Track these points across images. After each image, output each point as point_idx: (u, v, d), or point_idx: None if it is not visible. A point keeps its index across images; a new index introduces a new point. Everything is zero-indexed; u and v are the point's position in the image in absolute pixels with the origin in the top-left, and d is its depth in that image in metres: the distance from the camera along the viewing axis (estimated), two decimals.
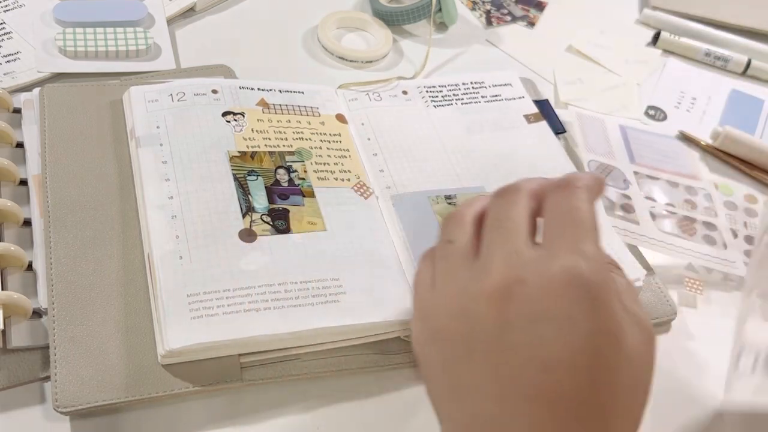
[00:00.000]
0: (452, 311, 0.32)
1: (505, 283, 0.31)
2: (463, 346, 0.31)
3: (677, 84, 0.64)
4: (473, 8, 0.68)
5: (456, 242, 0.34)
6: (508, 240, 0.32)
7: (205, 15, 0.61)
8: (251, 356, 0.40)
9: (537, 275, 0.30)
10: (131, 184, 0.45)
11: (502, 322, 0.30)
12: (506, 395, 0.29)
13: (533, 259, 0.31)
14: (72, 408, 0.36)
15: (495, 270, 0.31)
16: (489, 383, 0.30)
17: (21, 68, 0.53)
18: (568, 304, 0.29)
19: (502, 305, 0.30)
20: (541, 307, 0.30)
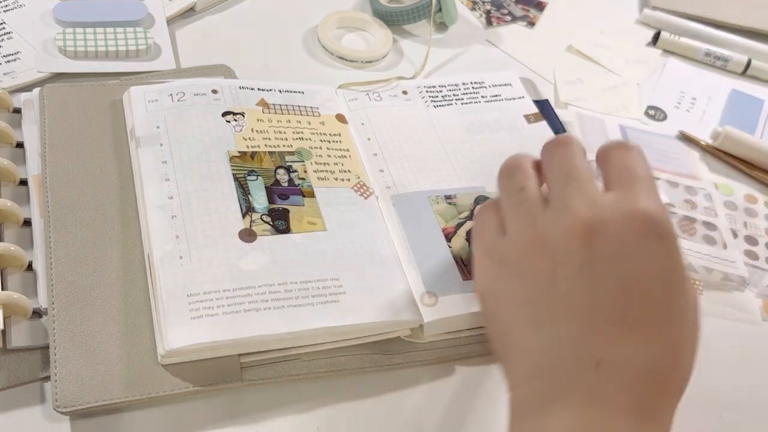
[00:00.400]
0: (533, 250, 0.35)
1: (590, 222, 0.34)
2: (545, 280, 0.34)
3: (677, 84, 0.64)
4: (473, 8, 0.68)
5: (527, 189, 0.37)
6: (581, 185, 0.36)
7: (205, 15, 0.61)
8: (251, 356, 0.40)
9: (618, 215, 0.34)
10: (131, 184, 0.45)
11: (587, 257, 0.33)
12: (590, 319, 0.33)
13: (611, 202, 0.34)
14: (72, 408, 0.36)
15: (576, 211, 0.34)
16: (572, 310, 0.33)
17: (21, 68, 0.53)
18: (646, 243, 0.33)
19: (588, 241, 0.33)
20: (621, 243, 0.33)
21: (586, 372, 0.32)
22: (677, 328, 0.33)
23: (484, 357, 0.43)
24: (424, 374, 0.42)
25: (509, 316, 0.35)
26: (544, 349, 0.33)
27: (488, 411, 0.41)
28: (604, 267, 0.33)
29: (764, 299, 0.50)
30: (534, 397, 0.33)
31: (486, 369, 0.43)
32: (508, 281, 0.36)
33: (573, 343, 0.33)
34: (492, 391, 0.42)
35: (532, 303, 0.35)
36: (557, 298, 0.34)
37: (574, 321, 0.33)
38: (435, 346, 0.43)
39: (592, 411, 0.31)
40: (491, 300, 0.37)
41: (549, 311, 0.34)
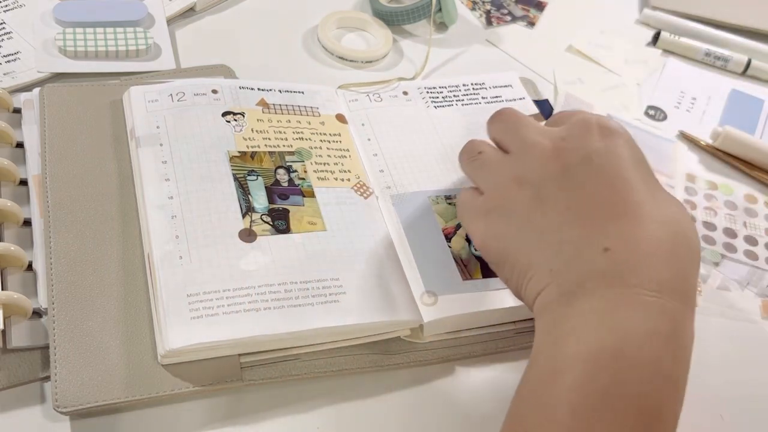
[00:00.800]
0: (509, 186, 0.38)
1: (552, 144, 0.38)
2: (534, 203, 0.37)
3: (677, 84, 0.64)
4: (473, 8, 0.68)
5: (485, 150, 0.42)
6: (530, 126, 0.40)
7: (205, 15, 0.61)
8: (251, 356, 0.40)
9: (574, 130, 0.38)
10: (131, 184, 0.45)
11: (562, 168, 0.37)
12: (585, 218, 0.36)
13: (563, 128, 0.39)
14: (72, 408, 0.36)
15: (536, 143, 0.39)
16: (567, 217, 0.36)
17: (21, 68, 0.53)
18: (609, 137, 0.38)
19: (557, 157, 0.38)
20: (588, 146, 0.37)
21: (597, 259, 0.34)
22: (666, 203, 0.37)
23: (484, 357, 0.43)
24: (424, 374, 0.42)
25: (514, 245, 0.37)
26: (553, 255, 0.36)
27: (488, 411, 0.41)
28: (580, 170, 0.37)
29: (764, 299, 0.50)
30: (555, 296, 0.35)
31: (486, 369, 0.43)
32: (500, 221, 0.38)
33: (577, 241, 0.35)
34: (492, 391, 0.42)
35: (528, 224, 0.37)
36: (548, 211, 0.37)
37: (571, 224, 0.36)
38: (435, 346, 0.43)
39: (612, 290, 0.33)
40: (492, 244, 0.39)
41: (546, 223, 0.36)
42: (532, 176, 0.38)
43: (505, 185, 0.39)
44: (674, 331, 0.33)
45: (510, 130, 0.41)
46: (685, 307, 0.34)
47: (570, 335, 0.33)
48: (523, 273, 0.37)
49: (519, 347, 0.44)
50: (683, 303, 0.34)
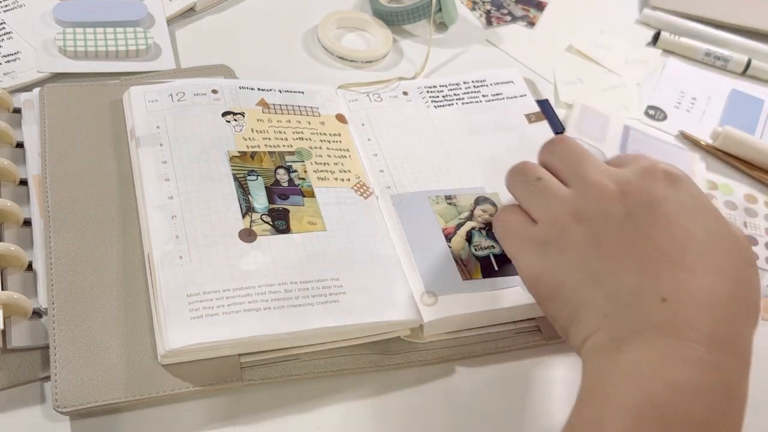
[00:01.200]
0: (566, 220, 0.37)
1: (616, 186, 0.37)
2: (592, 242, 0.36)
3: (677, 84, 0.64)
4: (473, 8, 0.68)
5: (545, 177, 0.40)
6: (594, 163, 0.39)
7: (205, 15, 0.61)
8: (251, 356, 0.40)
9: (638, 175, 0.38)
10: (131, 184, 0.45)
11: (623, 212, 0.36)
12: (643, 263, 0.35)
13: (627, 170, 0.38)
14: (72, 408, 0.36)
15: (600, 180, 0.38)
16: (626, 262, 0.35)
17: (21, 68, 0.53)
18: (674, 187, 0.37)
19: (623, 200, 0.37)
20: (652, 193, 0.37)
21: (654, 309, 0.33)
22: (727, 253, 0.35)
23: (484, 357, 0.43)
24: (424, 374, 0.42)
25: (567, 283, 0.37)
26: (609, 299, 0.35)
27: (488, 411, 0.41)
28: (641, 216, 0.36)
29: (764, 299, 0.50)
30: (606, 341, 0.34)
31: (486, 369, 0.43)
32: (555, 257, 0.37)
33: (634, 287, 0.34)
34: (492, 391, 0.42)
35: (584, 264, 0.36)
36: (606, 254, 0.36)
37: (629, 269, 0.35)
38: (435, 346, 0.43)
39: (666, 340, 0.32)
40: (544, 280, 0.38)
41: (602, 266, 0.36)
42: (594, 215, 0.37)
43: (564, 219, 0.38)
44: (726, 389, 0.32)
45: (572, 163, 0.40)
46: (741, 363, 0.33)
47: (619, 385, 0.32)
48: (575, 313, 0.36)
49: (519, 347, 0.44)
50: (738, 359, 0.33)
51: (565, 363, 0.44)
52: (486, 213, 0.48)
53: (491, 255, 0.46)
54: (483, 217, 0.48)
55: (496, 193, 0.49)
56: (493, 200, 0.49)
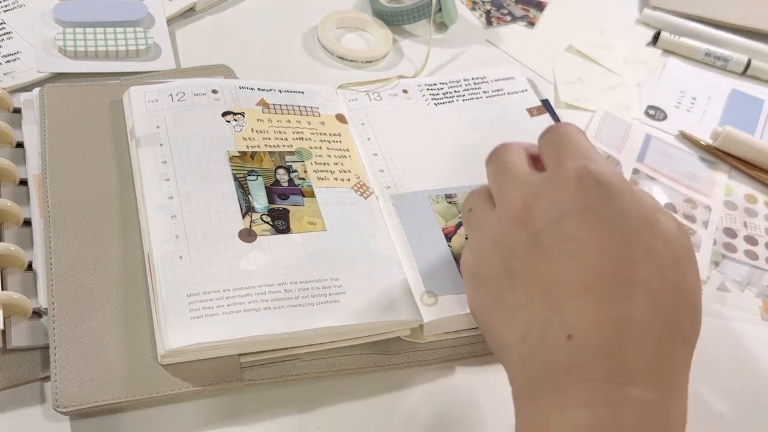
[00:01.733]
0: (488, 251, 0.35)
1: (524, 203, 0.34)
2: (504, 274, 0.33)
3: (677, 84, 0.64)
4: (473, 8, 0.68)
5: (474, 207, 0.38)
6: (513, 175, 0.36)
7: (205, 15, 0.61)
8: (251, 356, 0.40)
9: (549, 184, 0.33)
10: (131, 184, 0.45)
11: (531, 234, 0.33)
12: (551, 296, 0.31)
13: (541, 177, 0.35)
14: (72, 408, 0.36)
15: (512, 199, 0.35)
16: (533, 293, 0.32)
17: (21, 68, 0.53)
18: (584, 196, 0.32)
19: (527, 219, 0.33)
20: (560, 207, 0.32)
21: (560, 347, 0.30)
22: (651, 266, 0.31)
23: (484, 357, 0.43)
24: (424, 374, 0.42)
25: (490, 319, 0.35)
26: (520, 339, 0.32)
27: (488, 411, 0.41)
28: (546, 236, 0.32)
29: (764, 299, 0.50)
30: (524, 386, 0.32)
31: (486, 369, 0.43)
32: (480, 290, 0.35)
33: (541, 324, 0.31)
34: (492, 391, 0.42)
35: (500, 298, 0.34)
36: (517, 286, 0.33)
37: (537, 302, 0.32)
38: (435, 346, 0.43)
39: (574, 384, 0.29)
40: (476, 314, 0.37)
41: (515, 299, 0.33)
42: (504, 241, 0.34)
43: (484, 248, 0.35)
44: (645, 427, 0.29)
45: (497, 175, 0.37)
46: (667, 395, 0.30)
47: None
48: (499, 352, 0.34)
49: None
50: (664, 390, 0.29)
51: None
52: None
53: None
54: None
55: None
56: None
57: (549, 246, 0.32)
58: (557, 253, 0.32)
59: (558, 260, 0.31)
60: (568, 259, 0.31)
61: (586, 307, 0.30)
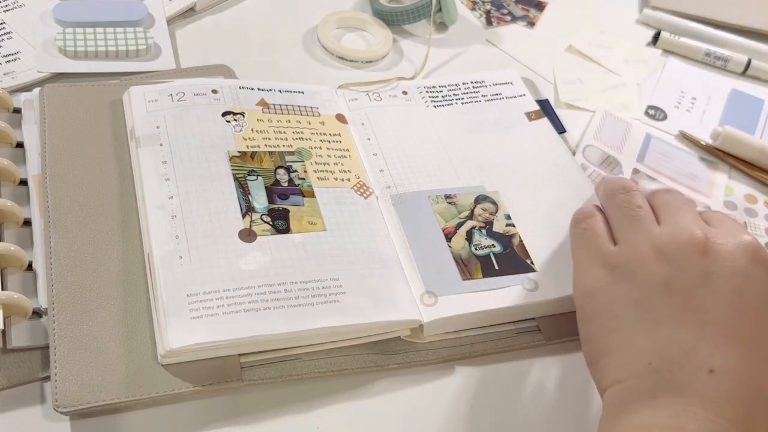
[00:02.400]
0: (650, 257, 0.37)
1: (705, 240, 0.37)
2: (662, 285, 0.36)
3: (677, 84, 0.64)
4: (473, 8, 0.68)
5: (644, 208, 0.40)
6: (691, 213, 0.39)
7: (205, 15, 0.61)
8: (251, 356, 0.40)
9: (730, 240, 0.37)
10: (131, 184, 0.45)
11: (704, 269, 0.36)
12: (705, 327, 0.34)
13: (720, 230, 0.38)
14: (72, 408, 0.36)
15: (692, 229, 0.37)
16: (688, 318, 0.34)
17: (21, 68, 0.53)
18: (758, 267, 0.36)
19: (705, 256, 0.36)
20: (737, 264, 0.36)
21: (700, 376, 0.33)
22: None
23: (484, 357, 0.43)
24: (424, 374, 0.42)
25: (621, 314, 0.36)
26: (658, 349, 0.34)
27: (488, 411, 0.41)
28: (720, 281, 0.35)
29: None
30: (639, 391, 0.34)
31: (486, 369, 0.43)
32: (620, 284, 0.37)
33: (687, 347, 0.34)
34: (492, 391, 0.42)
35: (647, 303, 0.36)
36: (673, 303, 0.35)
37: (690, 327, 0.34)
38: (435, 346, 0.43)
39: (700, 411, 0.32)
40: (599, 299, 0.37)
41: (664, 314, 0.35)
42: (675, 259, 0.36)
43: (645, 252, 0.37)
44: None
45: (673, 206, 0.40)
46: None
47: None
48: (617, 347, 0.36)
49: (519, 347, 0.44)
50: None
51: (564, 363, 0.44)
52: (486, 212, 0.48)
53: (491, 254, 0.46)
54: (483, 216, 0.48)
55: (496, 192, 0.49)
56: (493, 198, 0.49)
57: (717, 288, 0.35)
58: (723, 299, 0.35)
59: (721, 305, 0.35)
60: (730, 308, 0.35)
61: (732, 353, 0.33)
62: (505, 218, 0.48)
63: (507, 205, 0.48)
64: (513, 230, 0.47)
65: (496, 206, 0.48)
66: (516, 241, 0.46)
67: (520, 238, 0.47)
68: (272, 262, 0.42)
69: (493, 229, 0.47)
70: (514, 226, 0.47)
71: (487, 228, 0.47)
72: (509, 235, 0.47)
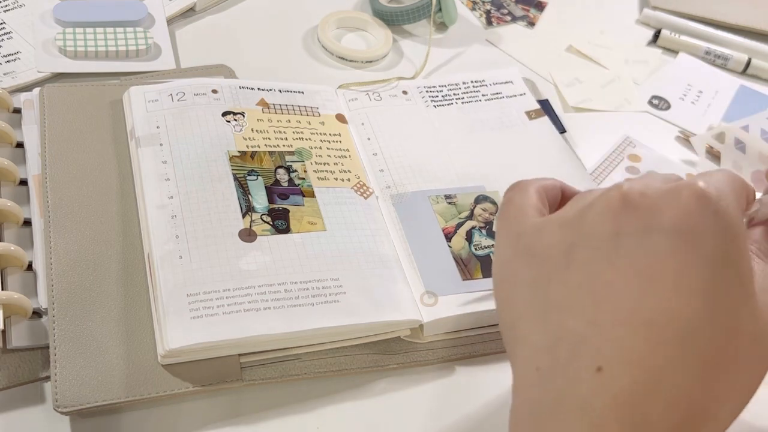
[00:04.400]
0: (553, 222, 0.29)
1: (626, 193, 0.27)
2: (562, 258, 0.28)
3: (685, 75, 0.65)
4: (473, 8, 0.68)
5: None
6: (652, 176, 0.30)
7: (205, 15, 0.61)
8: (251, 356, 0.40)
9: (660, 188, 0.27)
10: (131, 184, 0.45)
11: (613, 230, 0.27)
12: (599, 313, 0.26)
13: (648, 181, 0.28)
14: (72, 408, 0.36)
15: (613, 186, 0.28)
16: (582, 300, 0.26)
17: (21, 68, 0.53)
18: (693, 217, 0.26)
19: (620, 212, 0.27)
20: (661, 217, 0.26)
21: (584, 377, 0.25)
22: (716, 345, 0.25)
23: (484, 357, 0.43)
24: (424, 374, 0.42)
25: (518, 301, 0.29)
26: (546, 347, 0.27)
27: (488, 411, 0.41)
28: (630, 245, 0.26)
29: None
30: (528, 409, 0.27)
31: (486, 369, 0.43)
32: (519, 262, 0.29)
33: (575, 339, 0.26)
34: (492, 391, 0.42)
35: (543, 284, 0.28)
36: (567, 282, 0.27)
37: (579, 310, 0.26)
38: (435, 346, 0.43)
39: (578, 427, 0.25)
40: (502, 285, 0.31)
41: (558, 296, 0.27)
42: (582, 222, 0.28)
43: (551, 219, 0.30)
44: None
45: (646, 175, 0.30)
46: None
47: None
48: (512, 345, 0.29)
49: None
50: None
51: None
52: (486, 212, 0.48)
53: (491, 254, 0.45)
54: (483, 216, 0.48)
55: (496, 191, 0.49)
56: (494, 198, 0.49)
57: (623, 254, 0.26)
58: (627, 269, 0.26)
59: (626, 274, 0.26)
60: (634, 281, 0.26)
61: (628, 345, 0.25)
62: None
63: None
64: None
65: (496, 206, 0.48)
66: None
67: None
68: (272, 262, 0.42)
69: (493, 229, 0.47)
70: None
71: (487, 228, 0.47)
72: None
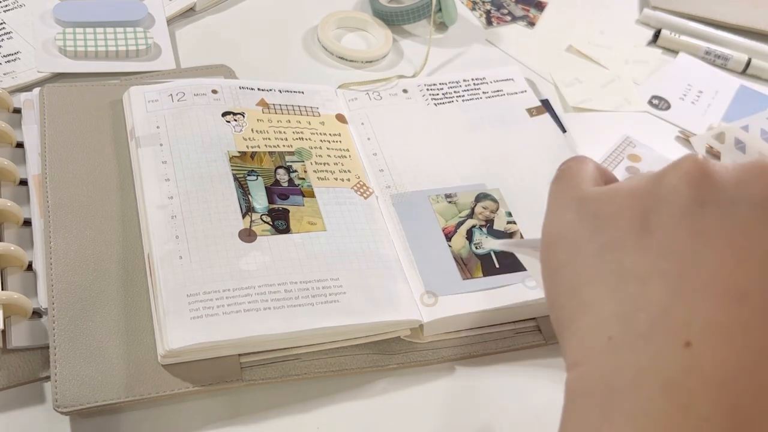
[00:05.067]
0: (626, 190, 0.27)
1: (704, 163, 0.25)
2: (637, 225, 0.26)
3: (685, 75, 0.65)
4: (473, 8, 0.68)
5: None
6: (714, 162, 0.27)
7: (205, 15, 0.61)
8: (251, 356, 0.40)
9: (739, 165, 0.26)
10: (131, 184, 0.45)
11: (696, 200, 0.25)
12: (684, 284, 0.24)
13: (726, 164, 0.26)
14: (72, 408, 0.36)
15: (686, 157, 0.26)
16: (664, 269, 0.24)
17: (21, 68, 0.53)
18: None
19: (701, 182, 0.25)
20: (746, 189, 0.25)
21: (671, 353, 0.23)
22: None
23: (484, 357, 0.43)
24: (424, 374, 0.42)
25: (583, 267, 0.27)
26: (620, 315, 0.25)
27: (488, 411, 0.41)
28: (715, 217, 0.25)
29: None
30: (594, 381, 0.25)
31: (486, 369, 0.43)
32: (585, 225, 0.27)
33: (658, 311, 0.24)
34: (492, 391, 0.42)
35: (616, 250, 0.26)
36: (646, 247, 0.25)
37: (664, 281, 0.24)
38: (435, 346, 0.43)
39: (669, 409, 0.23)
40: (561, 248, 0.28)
41: (634, 263, 0.25)
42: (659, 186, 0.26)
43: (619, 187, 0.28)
44: None
45: None
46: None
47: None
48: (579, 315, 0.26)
49: (519, 347, 0.44)
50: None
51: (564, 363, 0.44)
52: (487, 210, 0.48)
53: (492, 253, 0.45)
54: (484, 215, 0.47)
55: (497, 189, 0.49)
56: (494, 196, 0.49)
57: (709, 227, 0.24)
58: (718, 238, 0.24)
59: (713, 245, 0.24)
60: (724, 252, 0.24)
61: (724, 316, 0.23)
62: (506, 216, 0.48)
63: (508, 202, 0.48)
64: (514, 227, 0.47)
65: (496, 204, 0.48)
66: (517, 239, 0.46)
67: (522, 236, 0.47)
68: (272, 262, 0.42)
69: (494, 227, 0.47)
70: (515, 223, 0.47)
71: (488, 226, 0.47)
72: (510, 233, 0.47)
